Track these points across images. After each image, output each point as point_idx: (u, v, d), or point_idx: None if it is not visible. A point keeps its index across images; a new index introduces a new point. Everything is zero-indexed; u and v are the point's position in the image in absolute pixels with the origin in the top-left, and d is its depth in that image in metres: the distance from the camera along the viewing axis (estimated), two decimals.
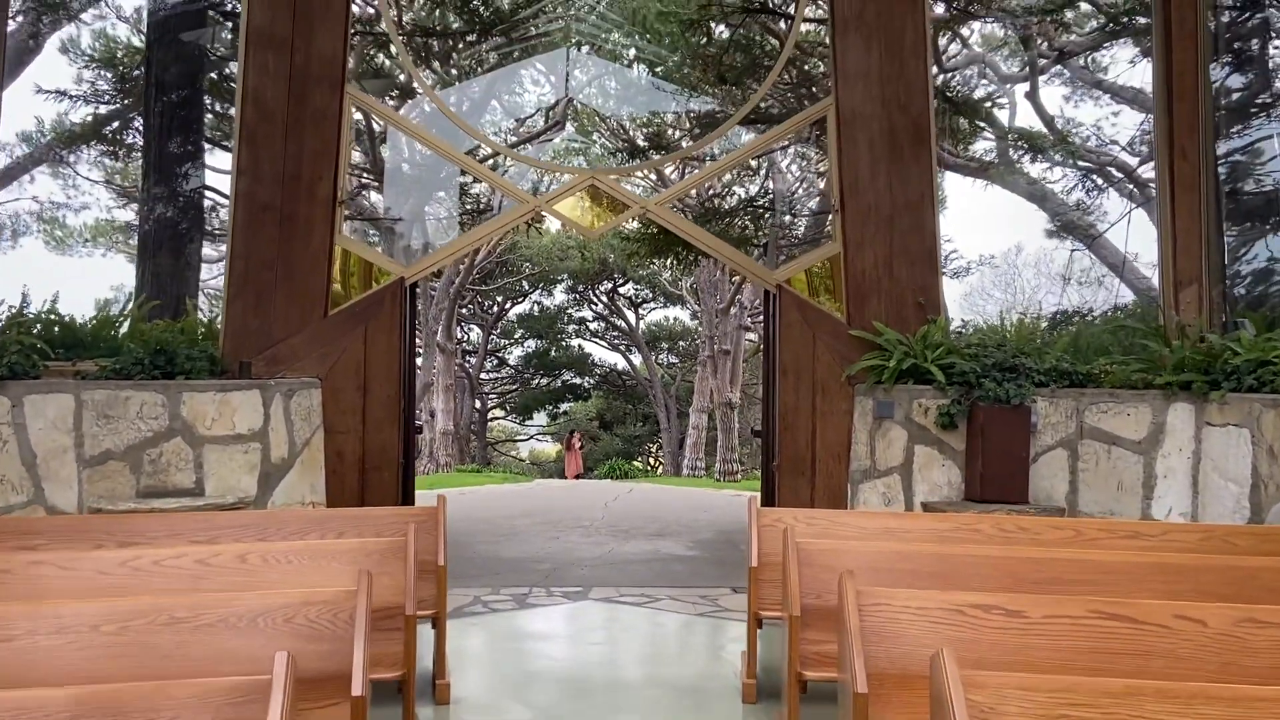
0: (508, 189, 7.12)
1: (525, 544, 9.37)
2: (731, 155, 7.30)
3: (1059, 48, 15.51)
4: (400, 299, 7.30)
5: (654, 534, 10.00)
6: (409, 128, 7.45)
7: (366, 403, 7.25)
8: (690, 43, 13.54)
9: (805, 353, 7.41)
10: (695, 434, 33.67)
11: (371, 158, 10.97)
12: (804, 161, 13.56)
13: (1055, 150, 14.28)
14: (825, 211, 12.58)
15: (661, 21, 14.97)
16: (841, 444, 7.31)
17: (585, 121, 19.67)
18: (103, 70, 10.97)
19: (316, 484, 7.06)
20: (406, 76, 11.62)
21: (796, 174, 14.20)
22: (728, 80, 11.29)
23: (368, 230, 11.35)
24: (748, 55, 10.83)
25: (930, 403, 6.96)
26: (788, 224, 10.99)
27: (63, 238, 25.17)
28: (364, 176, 11.54)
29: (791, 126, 7.69)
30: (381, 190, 12.80)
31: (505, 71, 21.16)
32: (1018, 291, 29.96)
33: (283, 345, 7.17)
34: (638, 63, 17.64)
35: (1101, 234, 14.39)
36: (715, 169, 7.46)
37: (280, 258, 7.21)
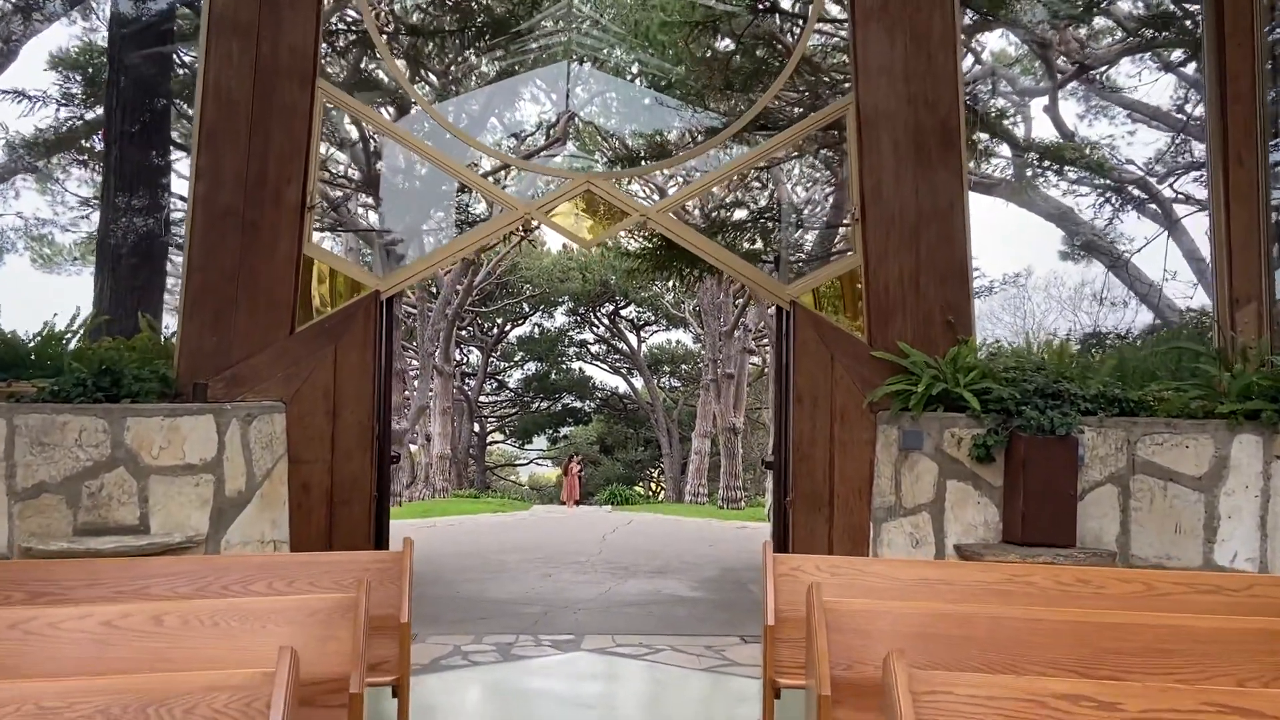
0: (495, 194, 6.45)
1: (515, 583, 8.62)
2: (738, 159, 6.62)
3: (1079, 60, 14.90)
4: (375, 315, 6.60)
5: (654, 572, 9.25)
6: (387, 126, 6.79)
7: (336, 429, 6.53)
8: (696, 49, 12.93)
9: (822, 376, 6.69)
10: (698, 459, 32.89)
11: (363, 166, 10.34)
12: (814, 173, 12.89)
13: (1081, 165, 13.59)
14: (836, 225, 11.91)
15: (665, 32, 14.39)
16: (863, 478, 6.58)
17: (587, 139, 19.09)
18: (71, 73, 10.38)
19: (278, 520, 6.33)
20: (393, 83, 11.01)
21: (808, 185, 13.54)
22: (734, 87, 10.69)
23: (341, 240, 10.68)
24: (755, 60, 10.22)
25: (964, 432, 6.23)
26: (800, 238, 10.25)
27: (50, 255, 24.57)
28: (347, 184, 10.89)
29: (807, 126, 7.03)
30: (366, 200, 12.10)
31: (503, 87, 20.60)
32: (1027, 315, 29.27)
33: (243, 365, 6.47)
34: (641, 78, 17.07)
35: (1136, 252, 13.68)
36: (721, 173, 6.78)
37: (242, 269, 6.52)
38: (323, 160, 9.59)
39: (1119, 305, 16.79)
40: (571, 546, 11.12)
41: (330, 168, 10.11)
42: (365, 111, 6.95)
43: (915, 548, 6.31)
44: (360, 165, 10.54)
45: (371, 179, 10.80)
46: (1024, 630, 3.63)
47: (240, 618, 3.61)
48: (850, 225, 6.92)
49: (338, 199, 10.86)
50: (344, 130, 9.50)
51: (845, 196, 14.13)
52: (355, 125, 12.73)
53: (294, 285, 6.57)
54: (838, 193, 14.67)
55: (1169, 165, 18.65)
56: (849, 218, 6.92)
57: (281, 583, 4.54)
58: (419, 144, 7.00)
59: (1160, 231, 15.23)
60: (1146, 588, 4.56)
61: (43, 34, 12.36)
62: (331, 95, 6.75)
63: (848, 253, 8.89)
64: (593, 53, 17.59)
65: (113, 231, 8.10)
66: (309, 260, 6.65)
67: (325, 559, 4.67)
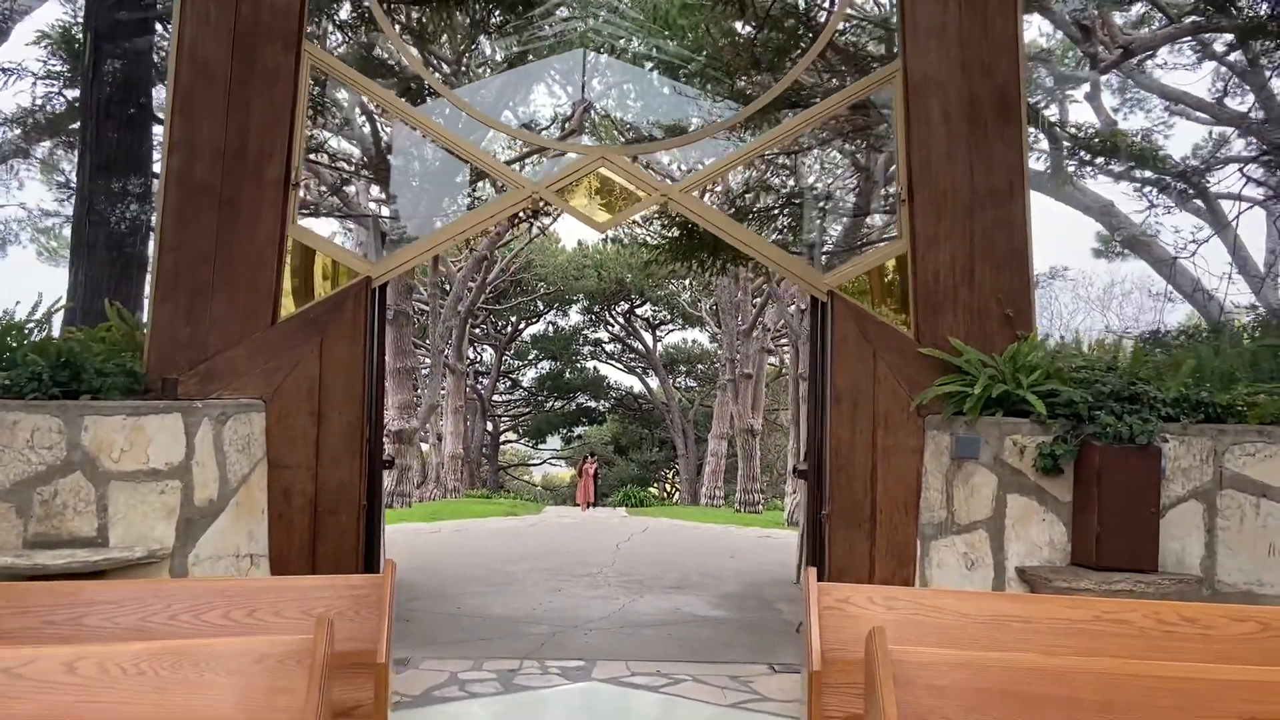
0: (500, 171, 5.78)
1: (521, 597, 7.95)
2: (768, 134, 5.91)
3: (1122, 45, 14.08)
4: (366, 304, 5.94)
5: (672, 586, 8.55)
6: (382, 95, 6.12)
7: (322, 430, 5.87)
8: (718, 33, 12.20)
9: (864, 375, 5.98)
10: (714, 461, 32.16)
11: (363, 146, 9.65)
12: (843, 161, 12.07)
13: (1134, 154, 12.76)
14: (867, 213, 11.11)
15: (686, 15, 13.66)
16: (909, 490, 5.87)
17: (602, 126, 18.40)
18: (56, 48, 9.76)
19: (256, 531, 5.68)
20: (397, 65, 10.33)
21: (835, 175, 12.74)
22: (761, 65, 9.98)
23: (331, 222, 10.01)
24: (785, 32, 9.51)
25: (1027, 440, 5.51)
26: (834, 224, 9.46)
27: (57, 248, 24.07)
28: (347, 166, 10.22)
29: (849, 96, 6.31)
30: (367, 182, 11.39)
31: (516, 75, 19.90)
32: (1054, 316, 28.35)
33: (219, 358, 5.82)
34: (659, 67, 16.35)
35: (1203, 242, 12.85)
36: (751, 149, 6.08)
37: (219, 251, 5.87)
38: (321, 142, 9.00)
39: (1159, 299, 15.96)
40: (583, 556, 10.44)
41: (328, 149, 9.48)
42: (358, 79, 6.29)
43: (970, 570, 5.58)
44: (361, 146, 9.84)
45: (372, 160, 10.12)
46: (1140, 692, 2.92)
47: (173, 663, 2.94)
48: (895, 206, 6.20)
49: (336, 182, 10.21)
50: (343, 109, 8.86)
51: (874, 184, 13.36)
52: (357, 104, 11.98)
53: (276, 270, 5.92)
54: (865, 182, 13.91)
55: (1204, 159, 17.81)
56: (893, 198, 6.19)
57: (241, 612, 3.88)
58: (418, 116, 6.34)
59: (1225, 224, 14.38)
60: (1262, 627, 3.85)
61: (35, 12, 11.80)
62: (319, 60, 6.10)
63: (880, 241, 8.18)
64: (610, 41, 16.88)
65: (90, 215, 7.48)
66: (294, 243, 6.00)
67: (293, 585, 4.00)
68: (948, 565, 5.68)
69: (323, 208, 9.84)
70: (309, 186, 9.12)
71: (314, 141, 9.37)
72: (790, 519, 23.20)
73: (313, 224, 9.97)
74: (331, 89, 9.05)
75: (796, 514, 23.69)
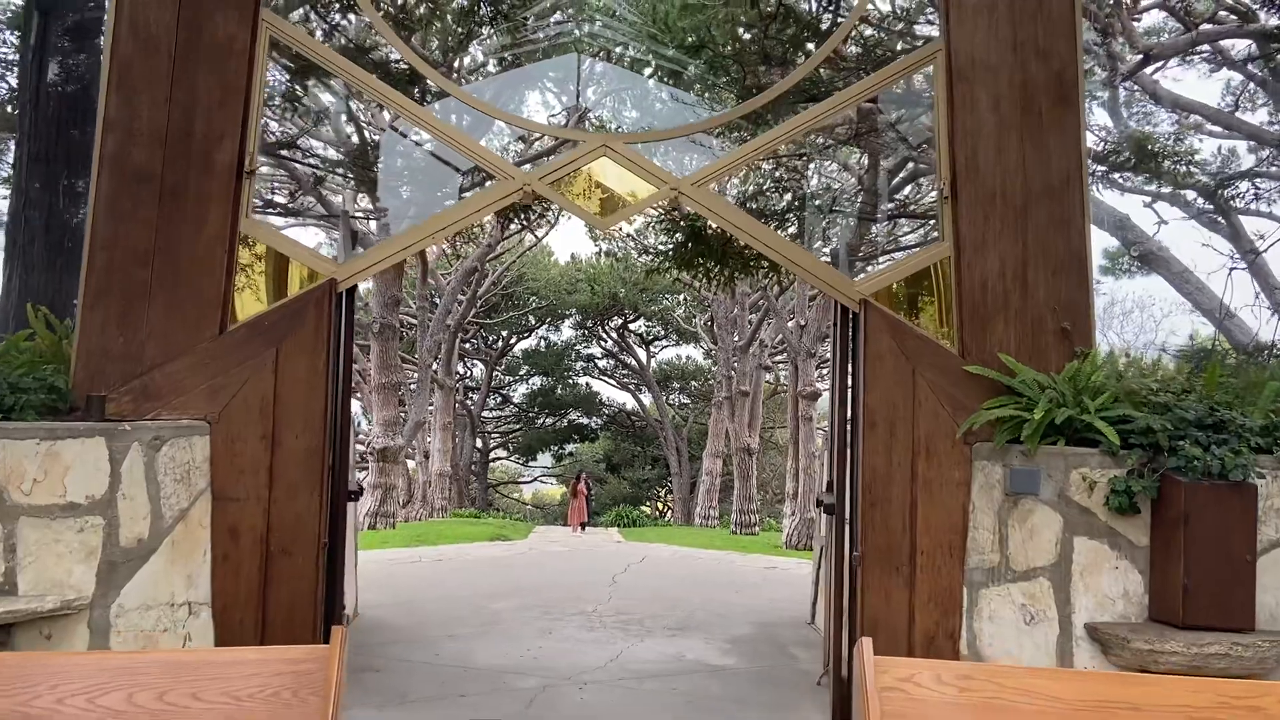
0: (488, 160, 5.01)
1: (508, 641, 7.13)
2: (792, 121, 5.17)
3: (1143, 50, 13.45)
4: (329, 310, 5.15)
5: (675, 627, 7.74)
6: (352, 73, 5.35)
7: (276, 457, 5.07)
8: (720, 35, 11.48)
9: (902, 396, 5.21)
10: (709, 480, 31.33)
11: (343, 141, 8.87)
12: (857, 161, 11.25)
13: (1156, 164, 12.06)
14: (896, 217, 10.34)
15: (686, 15, 12.96)
16: (954, 528, 5.09)
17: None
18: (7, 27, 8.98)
19: (195, 575, 4.86)
20: (384, 56, 9.58)
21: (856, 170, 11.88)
22: (772, 60, 9.29)
23: (293, 215, 9.12)
24: (800, 23, 8.83)
25: (1098, 474, 4.74)
26: (860, 227, 8.62)
27: None
28: (324, 162, 9.43)
29: (882, 80, 5.57)
30: (348, 181, 10.55)
31: (508, 82, 19.19)
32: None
33: (158, 373, 5.01)
34: (658, 76, 15.66)
35: (1262, 252, 12.14)
36: (772, 138, 5.34)
37: (159, 249, 5.08)
38: (298, 133, 8.21)
39: (1169, 316, 15.30)
40: (577, 590, 9.62)
41: (302, 144, 8.70)
42: (326, 54, 5.53)
43: (1029, 625, 4.80)
44: (339, 140, 9.04)
45: (351, 156, 9.35)
46: None
47: None
48: (936, 205, 5.46)
49: (311, 180, 9.43)
50: (321, 100, 8.12)
51: (878, 189, 12.59)
52: (332, 92, 10.95)
53: (226, 271, 5.12)
54: (864, 192, 13.15)
55: (1217, 173, 17.19)
56: (933, 195, 5.45)
57: (149, 694, 3.04)
58: (392, 94, 5.57)
59: (1243, 239, 13.70)
60: None
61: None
62: (280, 30, 5.33)
63: (912, 246, 7.44)
64: (606, 46, 16.18)
65: (26, 211, 6.68)
66: (248, 240, 5.22)
67: (215, 659, 3.18)
68: (1002, 618, 4.89)
69: (293, 207, 9.05)
70: (278, 183, 8.35)
71: (285, 136, 8.60)
72: (788, 543, 22.39)
73: (279, 225, 9.16)
74: (313, 80, 8.31)
75: (795, 537, 22.90)
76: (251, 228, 5.21)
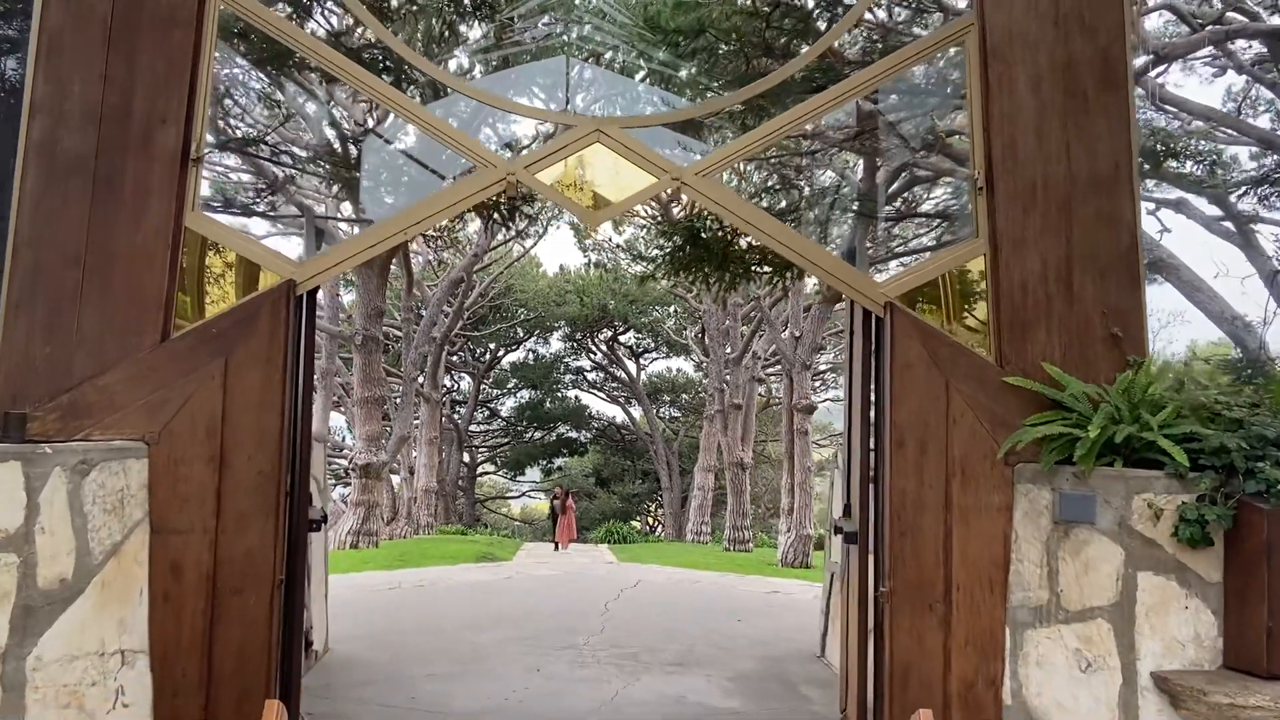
0: (466, 147, 4.43)
1: (491, 680, 6.49)
2: (812, 103, 4.61)
3: (1154, 51, 12.99)
4: (287, 315, 4.54)
5: (674, 663, 7.12)
6: (319, 52, 4.76)
7: (225, 482, 4.44)
8: (719, 25, 10.95)
9: (934, 411, 4.63)
10: (700, 495, 30.65)
11: (314, 134, 8.22)
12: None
13: (1179, 164, 11.55)
14: (908, 217, 9.69)
15: (680, 13, 12.42)
16: (994, 561, 4.51)
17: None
18: None
19: (130, 619, 4.23)
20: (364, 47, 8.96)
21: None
22: (775, 50, 8.77)
23: (260, 217, 8.44)
24: (800, 17, 8.30)
25: (1164, 500, 4.17)
26: (874, 224, 7.95)
27: None
28: (295, 156, 8.78)
29: (907, 59, 5.00)
30: (325, 180, 9.87)
31: (492, 85, 18.64)
32: None
33: (89, 387, 4.39)
34: (649, 80, 15.11)
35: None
36: (783, 123, 4.77)
37: (92, 247, 4.47)
38: (264, 132, 7.60)
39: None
40: (566, 619, 8.98)
41: (270, 139, 8.07)
42: (289, 31, 4.94)
43: (1085, 673, 4.21)
44: (310, 136, 8.41)
45: (326, 156, 8.78)
46: None
47: None
48: (970, 198, 4.90)
49: (279, 179, 8.80)
50: (288, 91, 7.51)
51: (881, 189, 11.98)
52: (300, 84, 10.05)
53: (168, 271, 4.51)
54: (870, 191, 12.57)
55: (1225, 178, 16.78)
56: (966, 187, 4.90)
57: None
58: (369, 80, 4.97)
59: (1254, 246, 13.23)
60: None
61: None
62: (233, 2, 4.73)
63: (923, 251, 6.90)
64: (596, 49, 15.63)
65: None
66: (194, 236, 4.61)
67: None
68: (1053, 665, 4.30)
69: (260, 209, 8.44)
70: (245, 182, 7.72)
71: (254, 131, 8.00)
72: (784, 560, 21.77)
73: (244, 225, 8.45)
74: (277, 68, 7.72)
75: (791, 555, 22.28)
76: (198, 222, 4.60)
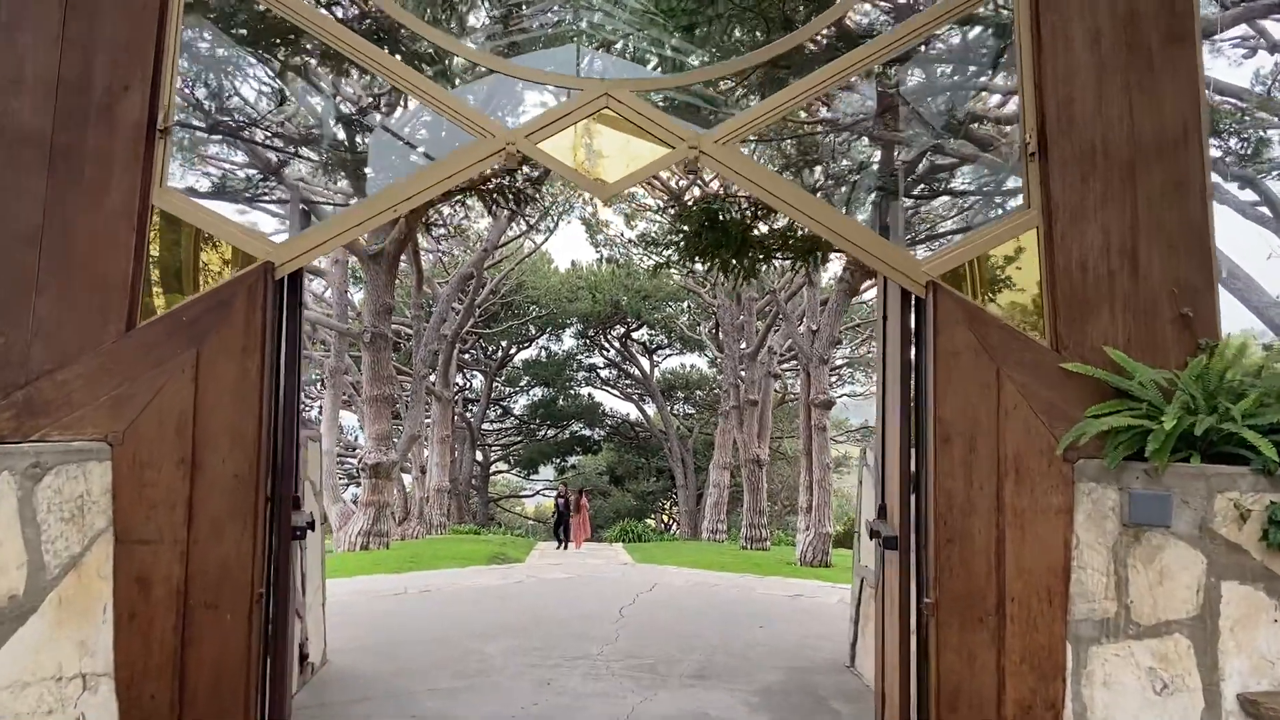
0: (462, 114, 3.99)
1: (499, 695, 6.06)
2: (842, 61, 4.15)
3: None
4: (265, 301, 4.11)
5: (694, 675, 6.67)
6: (308, 17, 4.33)
7: (197, 486, 4.02)
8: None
9: (983, 403, 4.16)
10: (716, 492, 30.13)
11: (310, 115, 7.64)
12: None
13: (1227, 139, 10.97)
14: (942, 194, 9.05)
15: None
16: (1053, 570, 4.04)
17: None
18: None
19: (92, 640, 3.81)
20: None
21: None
22: (794, 26, 8.28)
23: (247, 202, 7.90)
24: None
25: (1251, 499, 3.69)
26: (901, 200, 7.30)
27: None
28: (290, 141, 8.33)
29: (955, 9, 4.52)
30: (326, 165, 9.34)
31: (500, 79, 18.17)
32: None
33: (47, 382, 3.98)
34: (661, 70, 14.62)
35: None
36: (817, 81, 4.30)
37: (50, 227, 4.06)
38: (259, 115, 7.15)
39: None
40: (579, 626, 8.54)
41: (265, 123, 7.63)
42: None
43: (1161, 695, 3.73)
44: (307, 114, 7.89)
45: (321, 135, 8.27)
46: None
47: None
48: (1020, 164, 4.41)
49: (274, 163, 8.37)
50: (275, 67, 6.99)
51: (904, 166, 11.35)
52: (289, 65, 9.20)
53: (134, 253, 4.10)
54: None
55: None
56: (1015, 152, 4.42)
57: None
58: (364, 47, 4.54)
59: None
60: None
61: None
62: None
63: (952, 233, 6.41)
64: (608, 39, 15.16)
65: None
66: (163, 216, 4.19)
67: None
68: (1123, 686, 3.83)
69: (248, 194, 8.00)
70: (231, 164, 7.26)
71: (249, 112, 7.57)
72: (803, 559, 21.24)
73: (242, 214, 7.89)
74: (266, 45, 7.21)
75: (810, 554, 21.74)
76: (166, 199, 4.17)
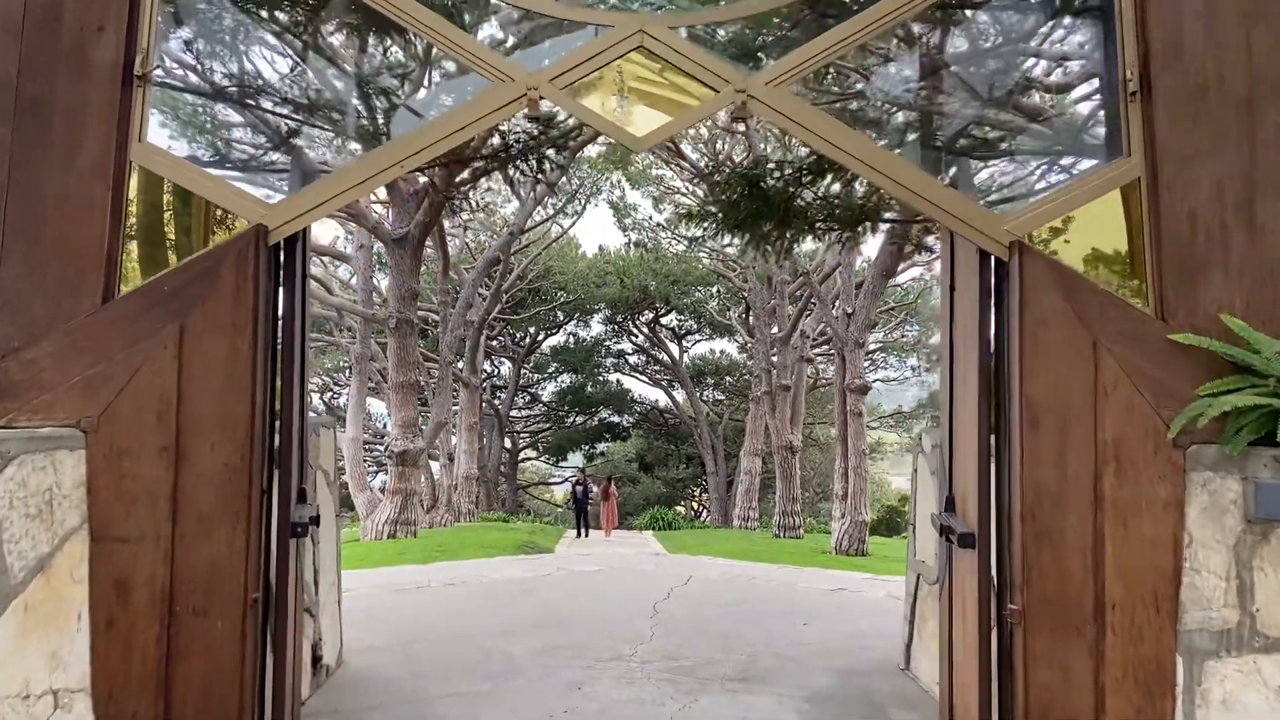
0: (476, 56, 3.48)
1: (524, 699, 5.60)
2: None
3: None
4: (256, 269, 3.64)
5: (736, 677, 6.17)
6: None
7: (182, 478, 3.57)
8: None
9: (1078, 381, 3.61)
10: (747, 480, 29.55)
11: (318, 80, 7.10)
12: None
13: None
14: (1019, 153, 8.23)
15: None
16: (1161, 572, 3.49)
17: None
18: None
19: (65, 652, 3.37)
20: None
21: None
22: None
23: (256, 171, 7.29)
24: None
25: None
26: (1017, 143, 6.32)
27: None
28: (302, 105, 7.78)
29: None
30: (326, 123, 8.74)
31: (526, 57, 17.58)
32: None
33: (13, 361, 3.54)
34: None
35: None
36: (878, 15, 3.73)
37: (14, 187, 3.61)
38: (266, 84, 6.69)
39: None
40: (611, 624, 8.07)
41: (270, 89, 7.11)
42: None
43: None
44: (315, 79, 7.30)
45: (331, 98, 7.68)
46: None
47: None
48: (1123, 103, 3.83)
49: (285, 130, 7.86)
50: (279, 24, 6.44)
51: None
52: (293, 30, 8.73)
53: (110, 215, 3.64)
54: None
55: None
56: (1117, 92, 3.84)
57: None
58: None
59: None
60: None
61: None
62: None
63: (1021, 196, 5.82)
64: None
65: None
66: (142, 173, 3.72)
67: None
68: (1244, 706, 3.28)
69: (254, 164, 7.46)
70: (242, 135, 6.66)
71: (258, 80, 7.08)
72: (838, 548, 20.65)
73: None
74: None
75: (845, 542, 21.13)
76: (146, 155, 3.70)
